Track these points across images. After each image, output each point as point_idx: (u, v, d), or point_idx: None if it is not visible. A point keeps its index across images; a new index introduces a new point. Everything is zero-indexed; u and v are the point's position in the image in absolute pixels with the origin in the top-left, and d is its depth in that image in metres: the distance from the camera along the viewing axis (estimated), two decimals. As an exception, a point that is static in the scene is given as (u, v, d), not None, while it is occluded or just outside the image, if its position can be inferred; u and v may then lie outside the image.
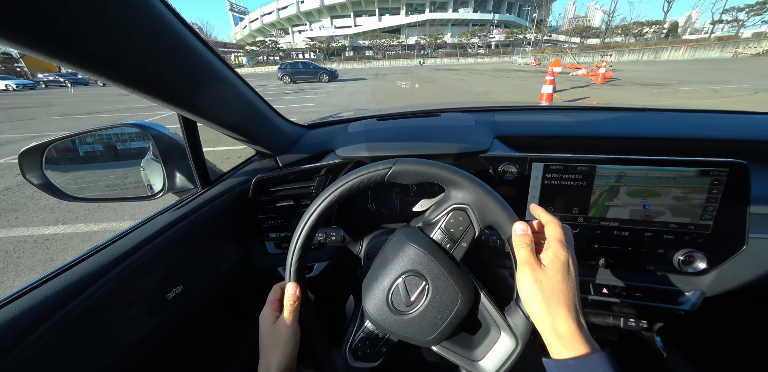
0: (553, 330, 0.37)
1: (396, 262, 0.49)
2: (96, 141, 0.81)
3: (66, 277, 0.44)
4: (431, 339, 0.47)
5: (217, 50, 0.53)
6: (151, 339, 0.54)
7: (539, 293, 0.38)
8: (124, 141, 0.83)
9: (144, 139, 0.80)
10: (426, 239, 0.49)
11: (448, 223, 0.48)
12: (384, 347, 0.52)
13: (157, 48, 0.40)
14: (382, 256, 0.53)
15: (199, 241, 0.65)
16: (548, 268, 0.39)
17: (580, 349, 0.35)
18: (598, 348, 0.36)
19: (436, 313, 0.46)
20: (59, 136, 0.68)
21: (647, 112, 0.91)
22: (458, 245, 0.48)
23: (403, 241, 0.50)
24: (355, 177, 0.46)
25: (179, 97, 0.50)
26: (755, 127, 0.81)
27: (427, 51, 55.75)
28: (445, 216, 0.49)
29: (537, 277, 0.39)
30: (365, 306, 0.50)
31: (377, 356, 0.52)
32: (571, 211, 0.66)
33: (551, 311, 0.37)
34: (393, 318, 0.48)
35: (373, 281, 0.50)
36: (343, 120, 1.01)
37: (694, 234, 0.62)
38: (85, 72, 0.36)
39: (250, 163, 0.87)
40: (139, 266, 0.52)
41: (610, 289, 0.70)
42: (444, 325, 0.46)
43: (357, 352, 0.52)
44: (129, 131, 0.80)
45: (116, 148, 0.84)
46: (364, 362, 0.52)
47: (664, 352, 0.81)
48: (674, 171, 0.59)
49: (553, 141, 0.80)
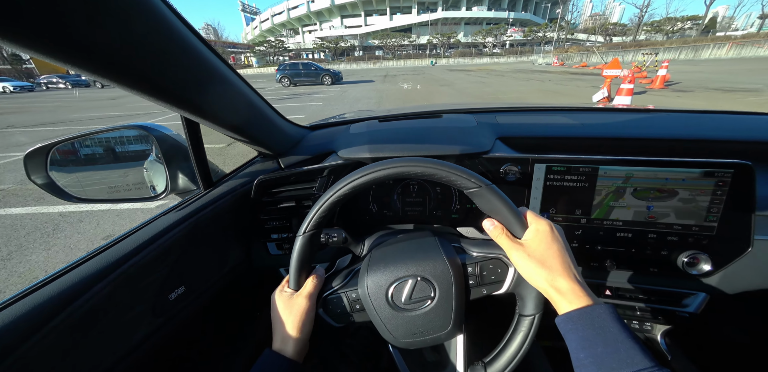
0: (555, 290, 0.40)
1: (420, 263, 0.49)
2: (99, 143, 0.81)
3: (70, 277, 0.44)
4: (401, 342, 0.49)
5: (219, 51, 0.54)
6: (154, 339, 0.54)
7: (532, 265, 0.42)
8: (128, 143, 0.84)
9: (147, 141, 0.81)
10: (459, 266, 0.49)
11: (485, 265, 0.49)
12: (353, 317, 0.52)
13: (160, 50, 0.41)
14: (405, 247, 0.53)
15: (202, 242, 0.66)
16: (531, 242, 0.43)
17: (581, 302, 0.39)
18: (599, 301, 0.39)
19: (421, 326, 0.48)
20: (64, 137, 0.69)
21: (651, 113, 0.91)
22: (479, 288, 0.49)
23: (439, 250, 0.50)
24: (445, 171, 0.45)
25: (182, 98, 0.50)
26: (760, 127, 0.81)
27: (439, 51, 53.76)
28: (488, 259, 0.49)
29: (524, 253, 0.43)
30: (367, 277, 0.50)
31: (342, 319, 0.53)
32: (573, 212, 0.65)
33: (549, 275, 0.41)
34: (383, 303, 0.48)
35: (389, 264, 0.50)
36: (344, 121, 1.01)
37: (698, 235, 0.61)
38: (89, 74, 0.37)
39: (252, 164, 0.87)
40: (142, 267, 0.52)
41: (613, 291, 0.69)
42: (419, 339, 0.48)
43: (328, 305, 0.52)
44: (132, 133, 0.81)
45: (119, 150, 0.84)
46: (328, 317, 0.53)
47: (668, 354, 0.80)
48: (682, 172, 0.59)
49: (555, 142, 0.80)
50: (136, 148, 0.83)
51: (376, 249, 0.55)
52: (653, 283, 0.67)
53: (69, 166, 0.76)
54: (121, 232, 0.56)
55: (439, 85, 13.18)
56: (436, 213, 0.76)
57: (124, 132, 0.81)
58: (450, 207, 0.75)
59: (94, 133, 0.74)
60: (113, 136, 0.82)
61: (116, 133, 0.81)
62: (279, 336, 0.50)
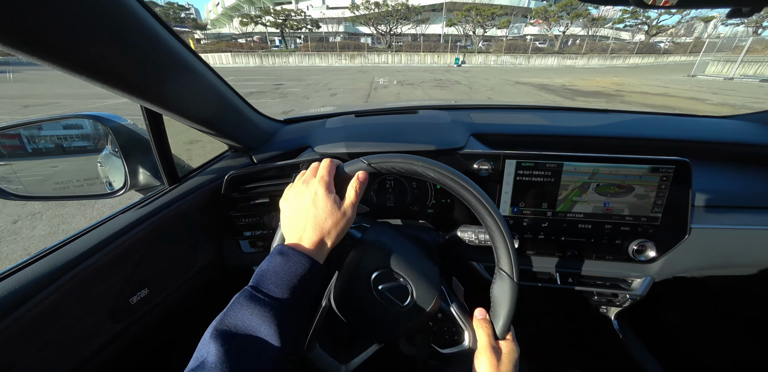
0: None
1: (415, 274, 0.48)
2: (44, 132, 0.73)
3: (9, 283, 0.40)
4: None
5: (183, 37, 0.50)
6: (116, 345, 0.51)
7: None
8: (78, 133, 0.76)
9: (100, 132, 0.74)
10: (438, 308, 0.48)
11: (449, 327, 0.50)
12: None
13: (114, 33, 0.37)
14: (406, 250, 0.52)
15: (167, 242, 0.62)
16: (504, 356, 0.42)
17: None
18: None
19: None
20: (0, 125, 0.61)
21: (609, 113, 0.98)
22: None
23: (437, 282, 0.49)
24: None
25: (141, 87, 0.46)
26: (698, 128, 0.90)
27: (469, 41, 29.92)
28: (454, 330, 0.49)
29: (494, 365, 0.41)
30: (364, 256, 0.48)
31: None
32: (540, 205, 0.69)
33: None
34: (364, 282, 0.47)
35: (391, 254, 0.49)
36: (320, 115, 0.99)
37: (646, 225, 0.68)
38: (29, 57, 0.32)
39: (222, 159, 0.83)
40: (98, 269, 0.48)
41: (574, 277, 0.75)
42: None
43: None
44: (83, 122, 0.74)
45: (68, 141, 0.76)
46: None
47: (620, 333, 0.88)
48: (639, 169, 0.65)
49: (525, 139, 0.84)
50: (88, 139, 0.76)
51: (377, 237, 0.53)
52: (609, 270, 0.74)
53: (6, 157, 0.68)
54: (72, 232, 0.51)
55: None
56: (413, 208, 0.78)
57: (72, 121, 0.74)
58: (426, 202, 0.77)
59: (38, 122, 0.66)
60: (61, 125, 0.74)
61: (65, 122, 0.73)
62: (308, 240, 0.41)
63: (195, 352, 0.33)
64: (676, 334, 1.01)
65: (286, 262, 0.39)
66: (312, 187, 0.44)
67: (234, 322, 0.34)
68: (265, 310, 0.35)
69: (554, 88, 10.69)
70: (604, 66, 24.48)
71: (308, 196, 0.43)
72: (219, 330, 0.33)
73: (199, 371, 0.30)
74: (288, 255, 0.39)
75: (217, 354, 0.31)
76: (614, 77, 14.87)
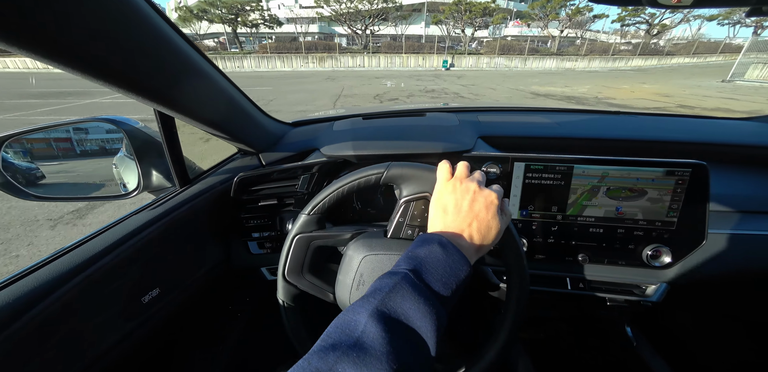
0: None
1: None
2: (62, 135, 0.75)
3: (27, 282, 0.41)
4: None
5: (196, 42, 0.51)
6: (126, 344, 0.51)
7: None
8: (95, 136, 0.79)
9: (116, 135, 0.76)
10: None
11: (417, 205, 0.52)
12: None
13: (131, 39, 0.38)
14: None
15: (178, 242, 0.63)
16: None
17: None
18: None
19: None
20: (21, 129, 0.63)
21: (621, 115, 0.96)
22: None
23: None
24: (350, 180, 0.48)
25: (155, 91, 0.47)
26: (714, 131, 0.88)
27: (456, 42, 27.05)
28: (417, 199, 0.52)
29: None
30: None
31: None
32: (550, 209, 0.68)
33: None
34: None
35: None
36: (328, 118, 1.00)
37: (660, 230, 0.66)
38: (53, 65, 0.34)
39: (231, 160, 0.84)
40: (111, 269, 0.49)
41: (586, 283, 0.73)
42: None
43: None
44: (100, 126, 0.76)
45: (85, 144, 0.79)
46: None
47: (633, 341, 0.86)
48: (652, 172, 0.63)
49: (533, 141, 0.83)
50: (105, 142, 0.78)
51: None
52: (621, 275, 0.72)
53: (27, 160, 0.71)
54: (87, 233, 0.53)
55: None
56: None
57: (89, 125, 0.76)
58: None
59: (56, 126, 0.68)
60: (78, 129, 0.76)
61: (82, 126, 0.75)
62: (468, 236, 0.38)
63: (335, 321, 0.29)
64: (694, 344, 0.97)
65: (446, 256, 0.35)
66: (487, 194, 0.42)
67: (395, 309, 0.30)
68: (428, 308, 0.30)
69: (590, 102, 8.43)
70: (606, 68, 22.39)
71: (482, 200, 0.41)
72: (381, 311, 0.29)
73: (359, 352, 0.26)
74: (448, 249, 0.35)
75: (379, 339, 0.27)
76: (643, 84, 12.18)
